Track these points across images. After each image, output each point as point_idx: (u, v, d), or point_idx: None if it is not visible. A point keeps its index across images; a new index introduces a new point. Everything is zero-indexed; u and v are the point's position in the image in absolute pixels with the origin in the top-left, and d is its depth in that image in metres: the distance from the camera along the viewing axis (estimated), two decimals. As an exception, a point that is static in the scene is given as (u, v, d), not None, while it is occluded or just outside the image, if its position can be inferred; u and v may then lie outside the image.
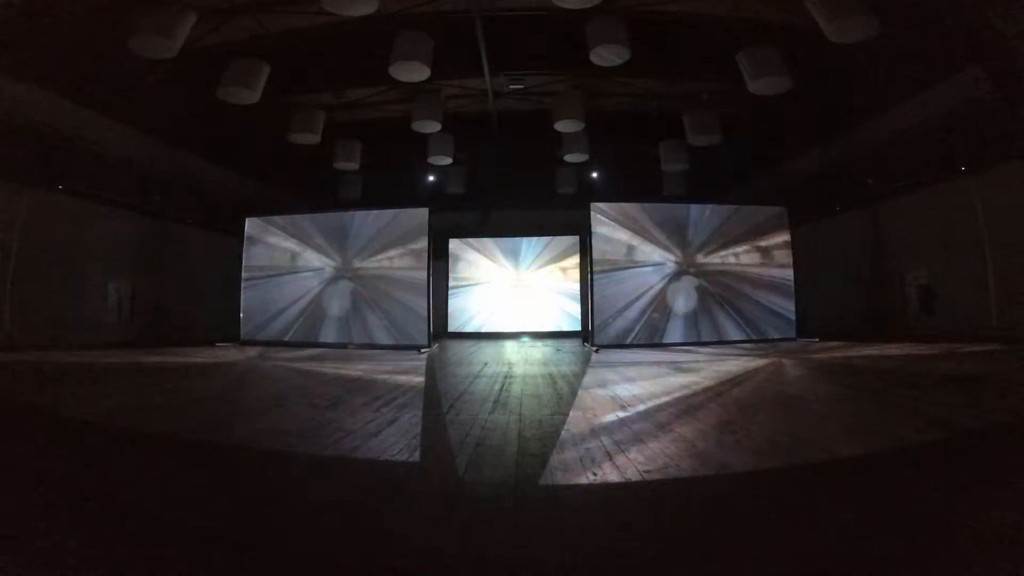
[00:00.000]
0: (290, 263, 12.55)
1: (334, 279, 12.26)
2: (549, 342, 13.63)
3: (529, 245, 16.48)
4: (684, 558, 1.84)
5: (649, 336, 11.22)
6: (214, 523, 2.15)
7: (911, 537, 1.90)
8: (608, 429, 3.62)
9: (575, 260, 15.93)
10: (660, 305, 11.43)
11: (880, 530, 1.97)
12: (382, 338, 11.57)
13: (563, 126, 11.52)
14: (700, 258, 11.75)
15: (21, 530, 1.94)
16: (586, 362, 8.43)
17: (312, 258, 12.46)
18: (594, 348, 10.64)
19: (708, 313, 11.55)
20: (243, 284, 12.54)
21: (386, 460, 3.00)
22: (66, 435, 3.64)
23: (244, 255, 12.64)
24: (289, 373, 7.14)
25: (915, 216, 11.06)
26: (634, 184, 15.17)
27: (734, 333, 11.47)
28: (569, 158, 13.32)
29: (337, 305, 12.12)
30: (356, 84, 11.65)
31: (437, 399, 5.01)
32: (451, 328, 16.05)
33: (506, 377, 6.58)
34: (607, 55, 8.77)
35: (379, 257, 12.07)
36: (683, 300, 11.53)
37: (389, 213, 12.27)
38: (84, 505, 2.29)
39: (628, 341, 11.06)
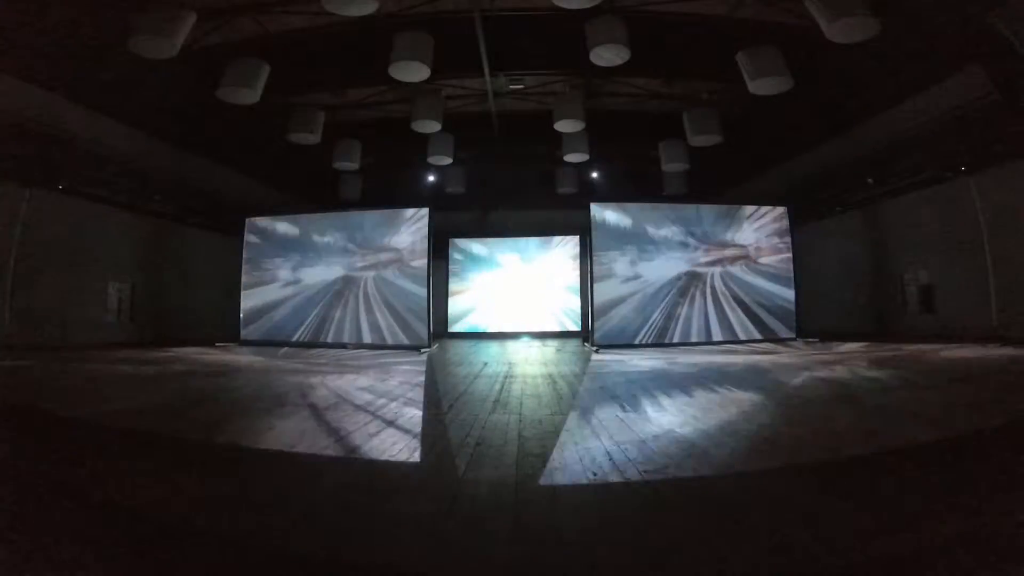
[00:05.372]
0: (289, 263, 12.54)
1: (334, 279, 12.25)
2: (549, 342, 13.63)
3: (529, 245, 16.48)
4: (684, 558, 1.84)
5: (648, 336, 11.22)
6: (214, 523, 2.15)
7: (911, 537, 1.90)
8: (608, 429, 3.62)
9: (575, 260, 15.93)
10: (659, 305, 11.42)
11: (880, 530, 1.97)
12: (382, 338, 11.56)
13: (563, 126, 11.52)
14: (699, 258, 11.75)
15: (20, 530, 1.94)
16: (586, 362, 8.43)
17: (312, 258, 12.46)
18: (594, 348, 10.64)
19: (706, 313, 11.54)
20: (243, 284, 12.54)
21: (386, 460, 3.00)
22: (66, 435, 3.64)
23: (244, 255, 12.64)
24: (288, 373, 7.14)
25: (915, 216, 11.07)
26: (634, 184, 15.17)
27: (734, 333, 11.46)
28: (569, 158, 13.31)
29: (337, 305, 12.12)
30: (356, 84, 11.64)
31: (437, 399, 5.01)
32: (451, 328, 16.05)
33: (506, 377, 6.58)
34: (607, 55, 8.76)
35: (379, 257, 12.07)
36: (681, 300, 11.53)
37: (389, 213, 12.27)
38: (83, 505, 2.29)
39: (628, 341, 11.06)
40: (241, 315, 12.42)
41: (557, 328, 15.84)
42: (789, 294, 11.77)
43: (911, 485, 2.49)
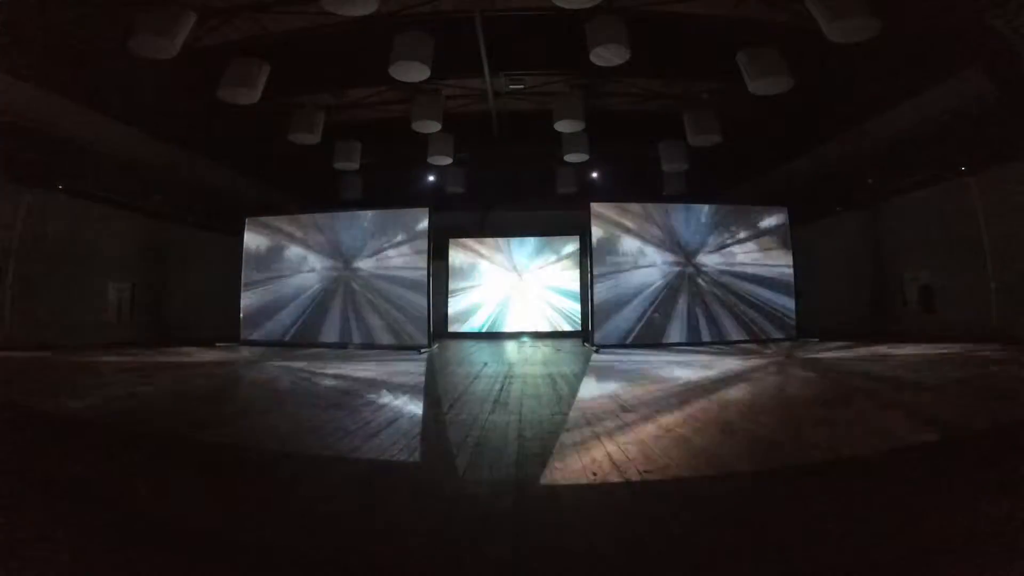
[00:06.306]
0: (290, 263, 12.54)
1: (334, 279, 12.25)
2: (549, 342, 13.63)
3: (529, 245, 16.48)
4: (684, 558, 1.83)
5: (649, 336, 11.21)
6: (214, 523, 2.15)
7: (911, 537, 1.90)
8: (608, 429, 3.62)
9: (575, 260, 15.93)
10: (660, 305, 11.42)
11: (880, 530, 1.97)
12: (382, 338, 11.57)
13: (563, 126, 11.51)
14: (700, 258, 11.75)
15: (20, 530, 1.94)
16: (586, 362, 8.43)
17: (312, 258, 12.45)
18: (594, 348, 10.64)
19: (708, 313, 11.54)
20: (243, 284, 12.54)
21: (386, 460, 3.00)
22: (66, 435, 3.63)
23: (244, 255, 12.63)
24: (289, 373, 7.14)
25: (915, 216, 11.06)
26: (634, 184, 15.15)
27: (734, 333, 11.46)
28: (569, 158, 13.30)
29: (337, 305, 12.12)
30: (356, 84, 11.63)
31: (437, 399, 5.00)
32: (451, 328, 16.04)
33: (506, 377, 6.58)
34: (607, 55, 8.75)
35: (379, 257, 12.06)
36: (683, 300, 11.53)
37: (389, 213, 12.27)
38: (83, 504, 2.28)
39: (628, 341, 11.06)
40: (241, 315, 12.42)
41: (557, 328, 15.85)
42: (789, 294, 11.77)
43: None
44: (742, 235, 11.94)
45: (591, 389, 5.53)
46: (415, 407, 4.59)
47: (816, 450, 3.09)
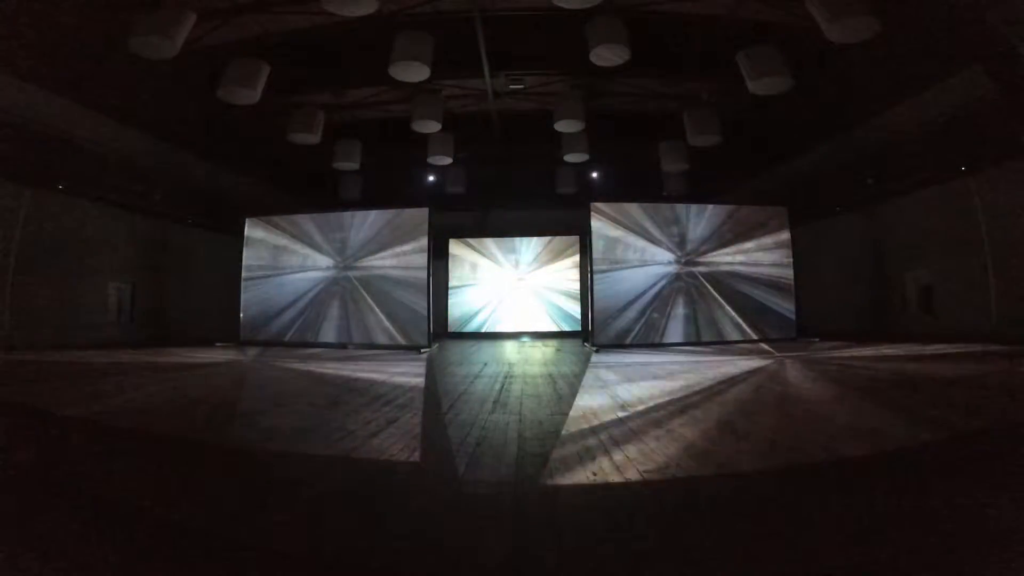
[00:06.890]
0: (290, 263, 12.54)
1: (334, 279, 12.25)
2: (549, 342, 13.63)
3: (529, 245, 16.48)
4: (683, 558, 1.83)
5: (649, 336, 11.22)
6: (214, 523, 2.15)
7: (911, 537, 1.90)
8: (608, 429, 3.62)
9: (575, 260, 15.92)
10: (660, 305, 11.43)
11: (880, 530, 1.97)
12: (382, 338, 11.56)
13: (563, 126, 11.51)
14: (700, 258, 11.75)
15: (20, 530, 1.94)
16: (586, 362, 8.43)
17: (312, 258, 12.45)
18: (594, 348, 10.64)
19: (708, 313, 11.54)
20: (243, 284, 12.54)
21: (386, 460, 3.00)
22: (66, 435, 3.63)
23: (244, 255, 12.63)
24: (289, 373, 7.14)
25: (915, 216, 11.06)
26: (634, 184, 15.16)
27: (734, 333, 11.46)
28: (569, 158, 13.30)
29: (336, 305, 12.12)
30: (356, 84, 11.64)
31: (437, 399, 5.01)
32: (451, 328, 16.04)
33: (506, 377, 6.58)
34: (607, 55, 8.75)
35: (379, 257, 12.06)
36: (683, 300, 11.53)
37: (389, 213, 12.27)
38: (85, 505, 2.28)
39: (628, 341, 11.06)
40: (240, 315, 12.42)
41: (557, 328, 15.85)
42: (789, 295, 11.77)
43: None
44: (742, 235, 11.93)
45: (591, 389, 5.53)
46: (415, 407, 4.59)
47: (817, 449, 3.09)
